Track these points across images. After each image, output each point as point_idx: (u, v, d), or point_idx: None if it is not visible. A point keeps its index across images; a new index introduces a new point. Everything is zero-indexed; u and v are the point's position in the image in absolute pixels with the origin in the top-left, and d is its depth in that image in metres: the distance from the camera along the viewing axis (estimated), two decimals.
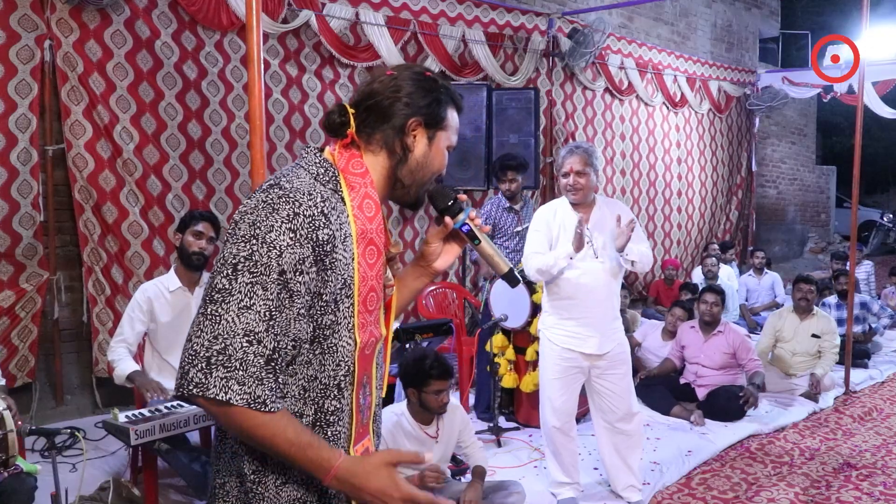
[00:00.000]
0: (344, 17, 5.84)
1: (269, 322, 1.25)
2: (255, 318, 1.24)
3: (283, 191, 1.30)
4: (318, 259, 1.29)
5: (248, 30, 2.37)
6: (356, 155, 1.42)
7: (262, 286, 1.25)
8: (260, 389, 1.24)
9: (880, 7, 13.50)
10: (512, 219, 5.12)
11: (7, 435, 2.57)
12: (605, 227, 3.42)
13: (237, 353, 1.23)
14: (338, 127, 1.43)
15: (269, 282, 1.25)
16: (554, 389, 3.53)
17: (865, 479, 4.09)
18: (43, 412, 4.52)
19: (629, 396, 3.58)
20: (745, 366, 5.08)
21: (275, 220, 1.26)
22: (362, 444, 1.46)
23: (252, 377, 1.23)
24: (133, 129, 4.81)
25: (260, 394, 1.24)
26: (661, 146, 9.12)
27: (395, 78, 1.44)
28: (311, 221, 1.29)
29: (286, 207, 1.27)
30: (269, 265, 1.25)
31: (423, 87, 1.45)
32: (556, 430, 3.57)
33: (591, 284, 3.39)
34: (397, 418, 3.22)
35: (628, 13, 9.10)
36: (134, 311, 3.48)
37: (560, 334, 3.48)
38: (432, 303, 5.80)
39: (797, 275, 6.12)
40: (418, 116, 1.43)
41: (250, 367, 1.23)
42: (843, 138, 17.45)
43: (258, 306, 1.24)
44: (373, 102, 1.42)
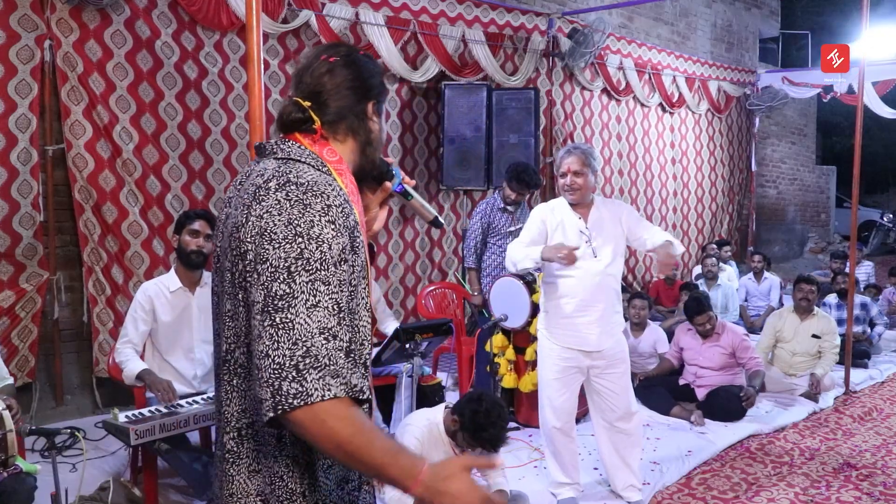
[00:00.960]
0: (344, 17, 5.84)
1: (338, 316, 1.26)
2: (326, 315, 1.24)
3: (304, 186, 1.30)
4: (353, 245, 1.33)
5: (248, 30, 2.37)
6: (325, 144, 1.44)
7: (322, 282, 1.25)
8: (356, 378, 1.25)
9: (880, 7, 13.49)
10: (506, 219, 5.12)
11: (6, 435, 2.57)
12: (604, 227, 3.43)
13: (321, 351, 1.22)
14: (297, 123, 1.43)
15: (329, 275, 1.26)
16: (553, 389, 3.54)
17: (865, 479, 4.08)
18: (43, 412, 4.52)
19: (628, 395, 3.58)
20: (745, 364, 5.08)
21: (312, 215, 1.27)
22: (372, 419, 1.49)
23: (344, 369, 1.24)
24: (133, 129, 4.81)
25: (356, 382, 1.25)
26: (656, 146, 9.12)
27: (340, 64, 1.46)
28: (342, 210, 1.31)
29: (317, 201, 1.28)
30: (323, 259, 1.25)
31: (368, 67, 1.49)
32: (556, 430, 3.57)
33: (590, 284, 3.40)
34: (430, 424, 3.17)
35: (628, 13, 9.10)
36: (136, 311, 3.48)
37: (559, 333, 3.49)
38: (432, 303, 5.80)
39: (798, 275, 6.11)
40: (373, 99, 1.49)
41: (337, 360, 1.23)
42: (843, 138, 17.44)
43: (325, 301, 1.24)
44: (329, 94, 1.44)
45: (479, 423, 3.01)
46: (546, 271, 3.53)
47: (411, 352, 3.72)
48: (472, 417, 3.02)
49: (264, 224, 1.27)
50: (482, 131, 6.45)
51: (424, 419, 3.20)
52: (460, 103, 6.45)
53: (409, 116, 6.63)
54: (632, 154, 8.75)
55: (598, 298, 3.42)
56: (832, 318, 5.83)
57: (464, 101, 6.45)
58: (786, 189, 12.82)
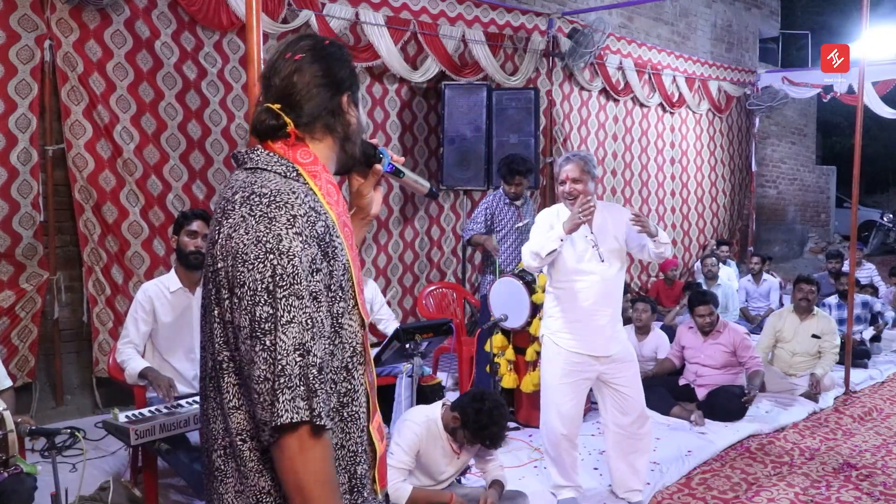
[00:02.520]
0: (344, 17, 5.84)
1: (312, 331, 1.24)
2: (299, 330, 1.22)
3: (266, 198, 1.27)
4: (324, 253, 1.30)
5: (248, 30, 2.37)
6: (300, 146, 1.40)
7: (296, 296, 1.23)
8: (315, 402, 1.22)
9: (880, 7, 13.49)
10: (512, 213, 5.12)
11: (7, 435, 2.57)
12: (608, 232, 3.42)
13: (295, 369, 1.21)
14: (272, 130, 1.38)
15: (301, 289, 1.24)
16: (560, 395, 3.49)
17: (865, 479, 4.08)
18: (43, 412, 4.51)
19: (640, 399, 3.56)
20: (745, 364, 5.08)
21: (279, 229, 1.24)
22: (376, 419, 1.47)
23: (309, 390, 1.22)
24: (133, 129, 4.81)
25: (315, 406, 1.22)
26: (655, 146, 9.12)
27: (307, 60, 1.40)
28: (308, 218, 1.28)
29: (282, 213, 1.26)
30: (295, 274, 1.23)
31: (336, 58, 1.43)
32: (563, 437, 3.53)
33: (598, 289, 3.38)
34: (429, 421, 3.19)
35: (628, 13, 9.10)
36: (137, 312, 3.48)
37: (567, 338, 3.46)
38: (432, 303, 5.80)
39: (798, 275, 6.11)
40: (347, 91, 1.44)
41: (308, 380, 1.22)
42: (843, 138, 17.44)
43: (299, 317, 1.23)
44: (301, 95, 1.39)
45: (482, 422, 3.04)
46: (553, 278, 3.51)
47: (411, 352, 3.72)
48: (475, 416, 3.04)
49: (234, 245, 1.26)
50: (482, 131, 6.45)
51: (423, 415, 3.22)
52: (460, 103, 6.45)
53: (409, 116, 6.63)
54: (627, 154, 8.74)
55: (607, 303, 3.41)
56: (832, 318, 5.83)
57: (464, 101, 6.45)
58: (786, 189, 12.82)
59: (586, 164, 3.37)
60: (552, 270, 3.48)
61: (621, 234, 3.46)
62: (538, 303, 4.50)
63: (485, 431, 3.06)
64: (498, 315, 4.51)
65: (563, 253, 3.39)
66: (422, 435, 3.13)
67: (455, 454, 3.23)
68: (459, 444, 3.18)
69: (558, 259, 3.42)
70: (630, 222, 3.33)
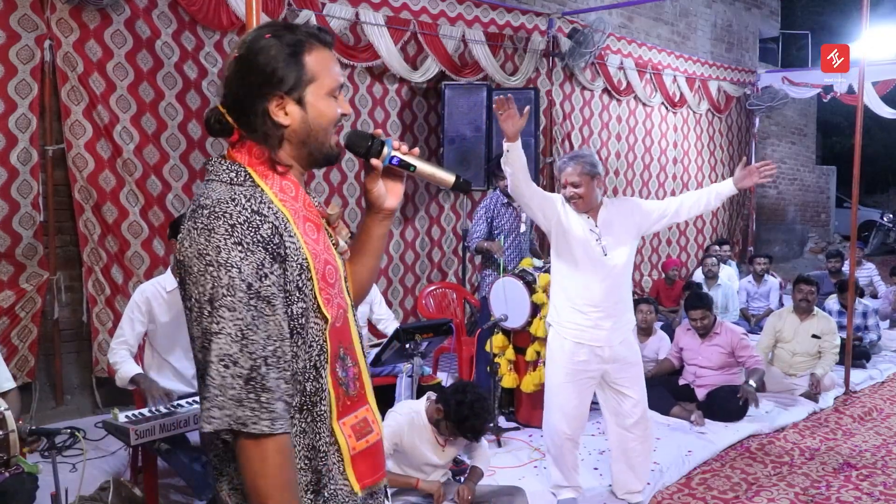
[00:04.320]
0: (344, 17, 5.84)
1: (241, 342, 1.24)
2: (227, 341, 1.23)
3: (207, 209, 1.28)
4: (273, 256, 1.28)
5: (248, 30, 2.37)
6: (253, 145, 1.37)
7: (227, 308, 1.24)
8: (241, 411, 1.22)
9: (880, 7, 13.50)
10: (511, 213, 5.12)
11: (8, 435, 2.57)
12: (613, 226, 3.39)
13: (215, 380, 1.23)
14: (219, 131, 1.39)
15: (236, 301, 1.24)
16: (564, 395, 3.46)
17: (865, 479, 4.08)
18: (43, 412, 4.51)
19: (643, 400, 3.54)
20: (744, 363, 5.08)
21: (218, 240, 1.25)
22: (354, 415, 1.43)
23: (231, 399, 1.23)
24: (133, 129, 4.81)
25: (241, 415, 1.22)
26: (658, 146, 9.12)
27: (238, 60, 1.36)
28: (249, 225, 1.27)
29: (219, 224, 1.26)
30: (231, 285, 1.24)
31: (267, 56, 1.33)
32: (566, 438, 3.51)
33: (601, 282, 3.35)
34: (412, 413, 3.23)
35: (628, 13, 9.10)
36: (133, 313, 3.48)
37: (570, 329, 3.43)
38: (432, 303, 5.80)
39: (798, 275, 6.11)
40: (274, 91, 1.34)
41: (228, 389, 1.23)
42: (843, 138, 17.44)
43: (228, 328, 1.24)
44: (233, 97, 1.36)
45: (464, 414, 3.08)
46: (559, 269, 3.48)
47: (411, 352, 3.73)
48: (457, 408, 3.09)
49: (182, 258, 1.29)
50: (482, 131, 6.45)
51: (407, 408, 3.28)
52: (460, 103, 6.45)
53: (410, 116, 6.63)
54: (630, 154, 8.74)
55: (609, 296, 3.37)
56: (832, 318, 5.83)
57: (464, 101, 6.45)
58: (786, 189, 12.82)
59: (586, 166, 3.33)
60: (559, 261, 3.45)
61: (631, 225, 3.42)
62: (538, 303, 4.50)
63: (466, 423, 3.09)
64: (498, 315, 4.51)
65: (569, 244, 3.38)
66: (403, 425, 3.17)
67: (441, 446, 3.25)
68: (444, 436, 3.22)
69: (563, 249, 3.40)
70: None
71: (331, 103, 1.40)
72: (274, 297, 1.27)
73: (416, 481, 3.18)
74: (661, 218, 3.49)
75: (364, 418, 1.45)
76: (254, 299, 1.25)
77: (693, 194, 3.49)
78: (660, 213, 3.48)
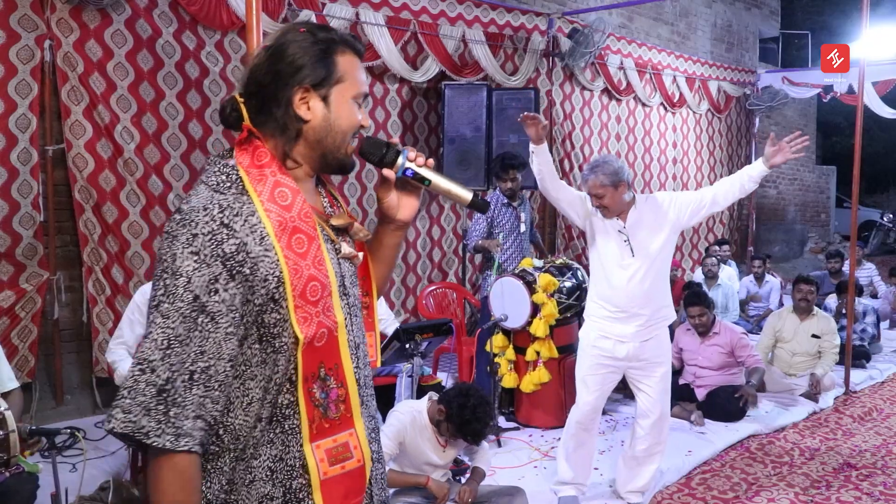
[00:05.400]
0: (344, 17, 5.84)
1: (165, 351, 1.20)
2: (151, 347, 1.20)
3: (180, 215, 1.26)
4: (233, 272, 1.24)
5: (248, 30, 2.37)
6: (259, 145, 1.33)
7: (162, 315, 1.21)
8: (146, 420, 1.18)
9: (880, 7, 13.50)
10: (511, 214, 5.11)
11: (9, 435, 2.57)
12: (643, 225, 3.36)
13: (128, 382, 1.20)
14: (234, 122, 1.34)
15: (173, 310, 1.21)
16: (584, 385, 3.52)
17: (865, 479, 4.09)
18: (43, 412, 4.51)
19: (663, 402, 3.53)
20: (744, 362, 5.08)
21: (177, 248, 1.22)
22: (333, 439, 1.36)
23: (139, 405, 1.18)
24: (134, 129, 4.81)
25: (144, 424, 1.18)
26: (658, 146, 9.12)
27: (269, 49, 1.33)
28: (213, 237, 1.23)
29: (183, 231, 1.23)
30: (174, 293, 1.21)
31: (299, 47, 1.32)
32: (577, 423, 3.55)
33: (627, 282, 3.35)
34: (414, 412, 3.24)
35: (628, 13, 9.10)
36: (133, 314, 3.48)
37: (597, 320, 3.47)
38: (432, 303, 5.80)
39: (797, 275, 6.11)
40: (302, 83, 1.32)
41: (139, 395, 1.19)
42: (843, 138, 17.44)
43: (155, 334, 1.21)
44: (255, 86, 1.32)
45: (465, 417, 3.09)
46: (593, 269, 3.51)
47: (411, 352, 3.73)
48: (459, 410, 3.09)
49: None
50: (482, 131, 6.45)
51: (409, 407, 3.29)
52: (460, 103, 6.45)
53: (410, 116, 6.63)
54: (630, 154, 8.74)
55: (636, 296, 3.36)
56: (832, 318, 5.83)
57: (464, 101, 6.45)
58: (786, 189, 12.82)
59: (605, 177, 3.29)
60: (592, 257, 3.49)
61: (664, 222, 3.38)
62: (538, 303, 4.50)
63: (467, 426, 3.10)
64: (498, 315, 4.51)
65: (596, 244, 3.42)
66: (406, 424, 3.18)
67: (441, 447, 3.26)
68: (445, 437, 3.22)
69: (593, 247, 3.45)
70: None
71: (353, 109, 1.38)
72: (220, 315, 1.23)
73: (426, 479, 3.18)
74: (699, 210, 3.43)
75: (345, 443, 1.38)
76: (195, 312, 1.21)
77: (727, 180, 3.44)
78: (697, 204, 3.42)
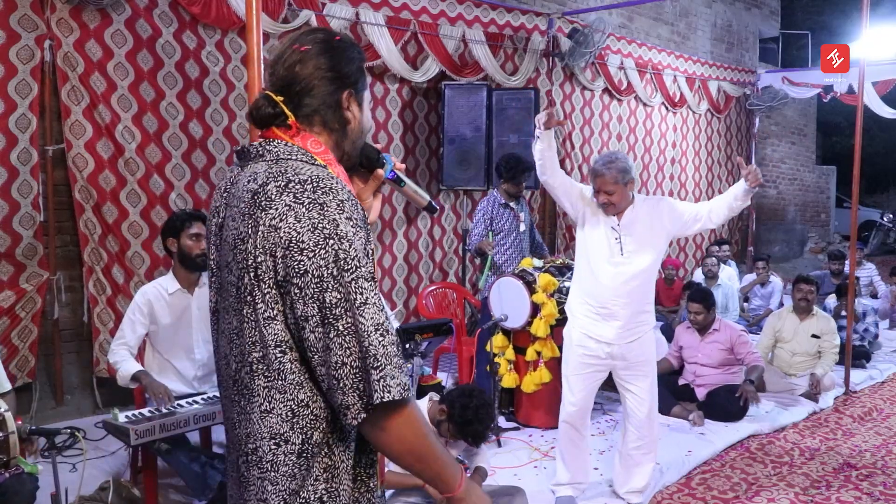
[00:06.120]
0: (344, 17, 5.84)
1: (382, 312, 1.25)
2: (375, 311, 1.24)
3: (310, 185, 1.25)
4: (368, 238, 1.31)
5: (248, 30, 2.37)
6: (308, 136, 1.38)
7: (364, 278, 1.24)
8: (404, 377, 1.25)
9: (880, 7, 13.50)
10: (509, 214, 5.11)
11: (8, 437, 2.57)
12: (637, 226, 3.36)
13: (379, 349, 1.22)
14: (270, 119, 1.38)
15: (367, 271, 1.25)
16: (569, 384, 3.53)
17: (865, 479, 4.09)
18: (43, 412, 4.52)
19: (650, 401, 3.55)
20: (743, 360, 5.08)
21: (333, 213, 1.24)
22: None
23: (396, 367, 1.24)
24: (135, 129, 4.81)
25: (404, 381, 1.25)
26: (658, 146, 9.12)
27: (312, 53, 1.38)
28: (353, 204, 1.29)
29: (330, 198, 1.25)
30: (357, 256, 1.24)
31: (343, 55, 1.41)
32: (566, 424, 3.56)
33: (612, 281, 3.35)
34: None
35: (628, 13, 9.10)
36: (134, 314, 3.47)
37: (579, 318, 3.47)
38: (432, 303, 5.80)
39: (797, 275, 6.11)
40: (349, 88, 1.42)
41: (393, 357, 1.24)
42: (843, 138, 17.44)
43: (371, 298, 1.24)
44: (301, 86, 1.37)
45: (468, 418, 3.09)
46: (577, 258, 3.50)
47: (411, 352, 3.73)
48: (461, 411, 3.09)
49: (284, 234, 1.23)
50: (482, 131, 6.45)
51: None
52: (460, 103, 6.45)
53: (410, 116, 6.63)
54: (630, 154, 8.74)
55: (621, 296, 3.35)
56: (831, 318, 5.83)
57: (464, 101, 6.45)
58: (786, 189, 12.82)
59: (619, 175, 3.28)
60: (579, 252, 3.47)
61: (659, 227, 3.38)
62: (538, 303, 4.50)
63: (469, 427, 3.10)
64: (498, 315, 4.51)
65: (586, 238, 3.40)
66: None
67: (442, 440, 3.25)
68: (444, 438, 3.22)
69: (582, 242, 3.44)
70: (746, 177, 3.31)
71: (369, 114, 1.49)
72: (371, 277, 1.28)
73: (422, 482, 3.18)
74: (695, 221, 3.45)
75: None
76: (371, 273, 1.27)
77: (718, 200, 3.46)
78: (693, 216, 3.44)
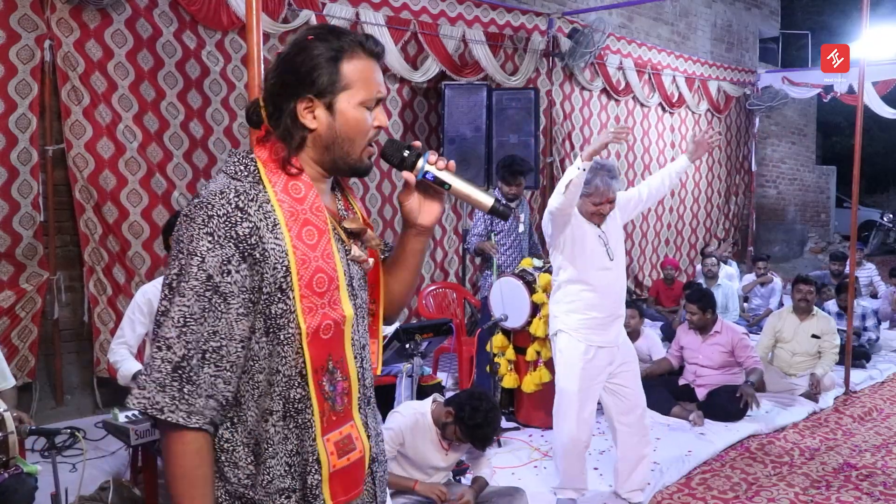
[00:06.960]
0: (344, 17, 5.84)
1: (181, 329, 1.25)
2: (169, 325, 1.25)
3: (197, 199, 1.31)
4: (245, 254, 1.28)
5: (249, 30, 2.37)
6: (275, 142, 1.37)
7: (179, 294, 1.25)
8: (160, 396, 1.24)
9: (880, 7, 13.50)
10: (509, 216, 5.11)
11: (7, 437, 2.58)
12: (612, 228, 3.49)
13: (148, 360, 1.26)
14: (256, 122, 1.40)
15: (188, 289, 1.25)
16: (580, 401, 3.47)
17: (865, 479, 4.09)
18: (43, 412, 4.51)
19: (642, 398, 3.63)
20: (743, 363, 5.08)
21: (193, 229, 1.27)
22: (339, 432, 1.39)
23: (154, 381, 1.25)
24: (136, 129, 4.81)
25: (159, 400, 1.24)
26: (656, 146, 9.12)
27: (280, 56, 1.36)
28: (227, 219, 1.27)
29: (200, 213, 1.28)
30: (192, 273, 1.25)
31: (303, 56, 1.33)
32: (584, 446, 3.55)
33: (609, 284, 3.45)
34: (417, 414, 3.22)
35: (628, 13, 9.10)
36: (134, 314, 3.48)
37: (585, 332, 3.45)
38: (432, 303, 5.80)
39: (797, 275, 6.11)
40: (306, 93, 1.33)
41: (155, 371, 1.25)
42: (843, 138, 17.44)
43: (173, 312, 1.25)
44: (268, 92, 1.37)
45: (476, 421, 3.07)
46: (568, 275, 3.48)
47: (411, 352, 3.72)
48: (471, 413, 3.07)
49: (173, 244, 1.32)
50: (482, 131, 6.45)
51: (411, 409, 3.27)
52: (460, 103, 6.45)
53: (410, 116, 6.64)
54: (630, 154, 8.74)
55: (616, 297, 3.50)
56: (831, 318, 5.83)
57: (464, 101, 6.45)
58: (786, 189, 12.82)
59: (619, 182, 3.43)
60: (572, 268, 3.46)
61: (618, 219, 3.54)
62: (538, 303, 4.50)
63: (478, 431, 3.09)
64: (498, 315, 4.51)
65: (584, 252, 3.42)
66: (407, 425, 3.17)
67: (444, 450, 3.25)
68: (448, 440, 3.21)
69: (578, 257, 3.42)
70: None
71: (363, 114, 1.37)
72: (231, 296, 1.27)
73: (413, 483, 3.18)
74: (637, 206, 3.68)
75: (348, 435, 1.41)
76: (209, 292, 1.25)
77: (655, 176, 3.68)
78: (634, 201, 3.65)
